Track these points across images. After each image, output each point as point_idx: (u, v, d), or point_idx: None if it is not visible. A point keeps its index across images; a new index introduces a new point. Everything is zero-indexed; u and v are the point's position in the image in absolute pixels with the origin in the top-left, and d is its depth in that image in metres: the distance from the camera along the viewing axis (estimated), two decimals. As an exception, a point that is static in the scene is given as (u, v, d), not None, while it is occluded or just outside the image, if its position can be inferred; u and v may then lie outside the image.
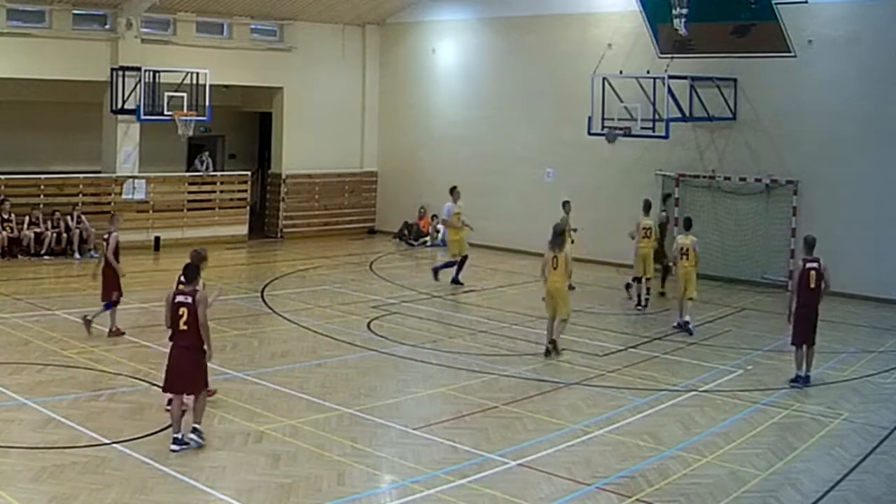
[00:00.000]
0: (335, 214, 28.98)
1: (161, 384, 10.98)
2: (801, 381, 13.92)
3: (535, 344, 16.27)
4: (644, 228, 19.38)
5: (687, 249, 17.43)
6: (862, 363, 15.43)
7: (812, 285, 14.14)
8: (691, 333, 16.99)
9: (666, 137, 20.91)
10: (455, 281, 21.13)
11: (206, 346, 10.71)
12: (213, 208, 26.34)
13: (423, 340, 16.13)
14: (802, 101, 21.48)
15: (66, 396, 12.25)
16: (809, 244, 14.33)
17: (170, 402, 10.86)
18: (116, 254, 15.62)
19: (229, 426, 11.39)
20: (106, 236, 15.84)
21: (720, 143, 22.94)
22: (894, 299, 20.08)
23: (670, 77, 20.63)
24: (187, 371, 10.65)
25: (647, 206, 19.72)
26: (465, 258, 21.39)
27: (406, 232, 27.97)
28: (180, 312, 10.62)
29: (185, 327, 10.62)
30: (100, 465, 9.93)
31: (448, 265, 21.47)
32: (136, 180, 25.02)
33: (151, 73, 23.83)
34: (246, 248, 26.12)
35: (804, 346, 14.03)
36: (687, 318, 17.34)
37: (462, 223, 21.35)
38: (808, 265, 14.15)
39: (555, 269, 15.17)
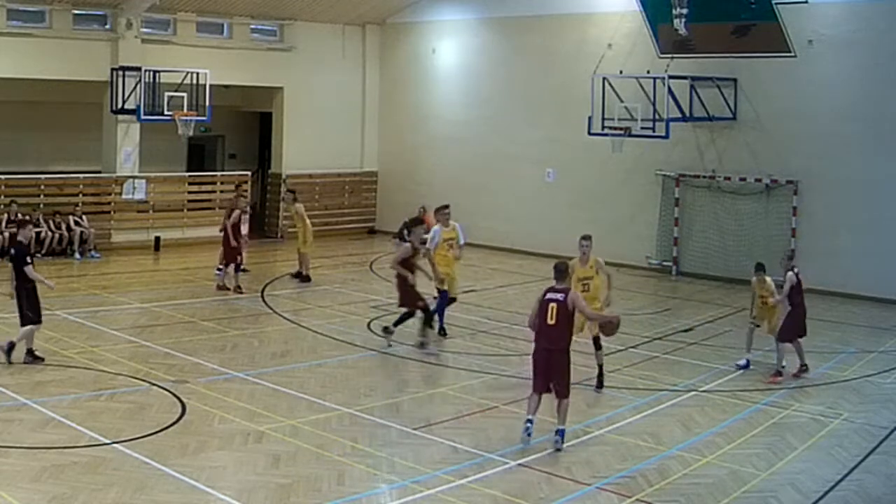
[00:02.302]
0: (335, 214, 28.96)
1: (159, 384, 11.02)
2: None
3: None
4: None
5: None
6: (862, 363, 15.42)
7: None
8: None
9: (666, 137, 20.90)
10: None
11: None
12: (213, 208, 26.30)
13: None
14: (802, 101, 21.48)
15: (66, 396, 12.25)
16: (789, 255, 15.05)
17: None
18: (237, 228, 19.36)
19: (229, 426, 11.39)
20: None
21: (720, 143, 22.94)
22: (894, 299, 20.09)
23: (670, 77, 20.63)
24: (561, 370, 11.22)
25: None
26: None
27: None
28: (551, 309, 11.10)
29: (553, 321, 11.06)
30: (100, 465, 9.93)
31: None
32: (136, 180, 25.01)
33: (151, 73, 23.82)
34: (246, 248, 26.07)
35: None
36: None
37: None
38: (799, 274, 14.59)
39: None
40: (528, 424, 10.99)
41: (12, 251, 14.07)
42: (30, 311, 13.62)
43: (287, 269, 22.73)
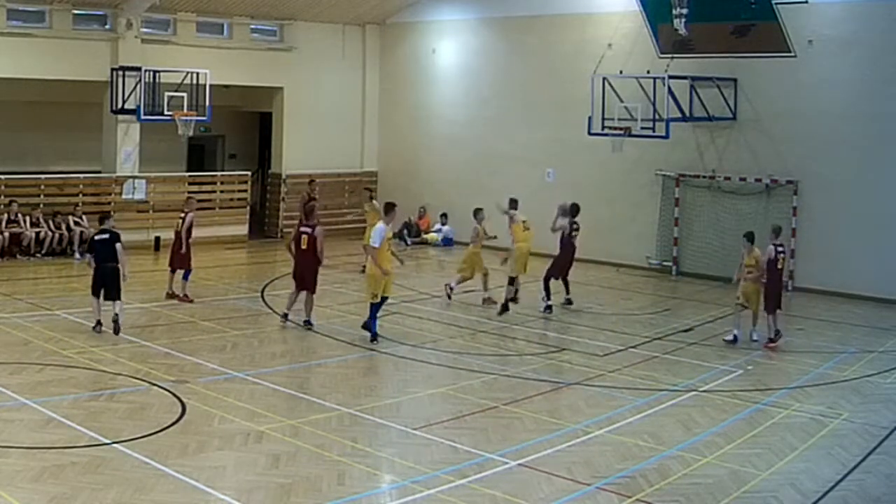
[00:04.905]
0: (335, 214, 28.92)
1: (159, 384, 11.04)
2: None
3: (536, 344, 16.28)
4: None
5: None
6: (862, 363, 15.43)
7: (779, 265, 16.41)
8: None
9: (666, 137, 20.90)
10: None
11: (320, 259, 16.52)
12: (213, 208, 26.32)
13: (423, 340, 16.13)
14: (802, 101, 21.48)
15: (66, 396, 12.25)
16: (776, 231, 16.71)
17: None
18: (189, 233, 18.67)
19: (229, 426, 11.39)
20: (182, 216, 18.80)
21: (720, 143, 22.94)
22: (894, 299, 20.09)
23: (670, 77, 20.63)
24: (308, 276, 16.57)
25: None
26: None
27: (406, 231, 27.95)
28: (302, 239, 16.50)
29: (305, 247, 16.47)
30: (100, 465, 9.93)
31: None
32: (136, 180, 25.01)
33: (151, 73, 23.82)
34: (246, 248, 26.11)
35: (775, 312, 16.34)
36: None
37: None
38: (780, 249, 16.40)
39: None
40: (288, 314, 16.71)
41: (107, 235, 15.84)
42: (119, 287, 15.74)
43: (287, 269, 22.63)
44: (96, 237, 16.11)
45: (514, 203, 19.40)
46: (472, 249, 19.59)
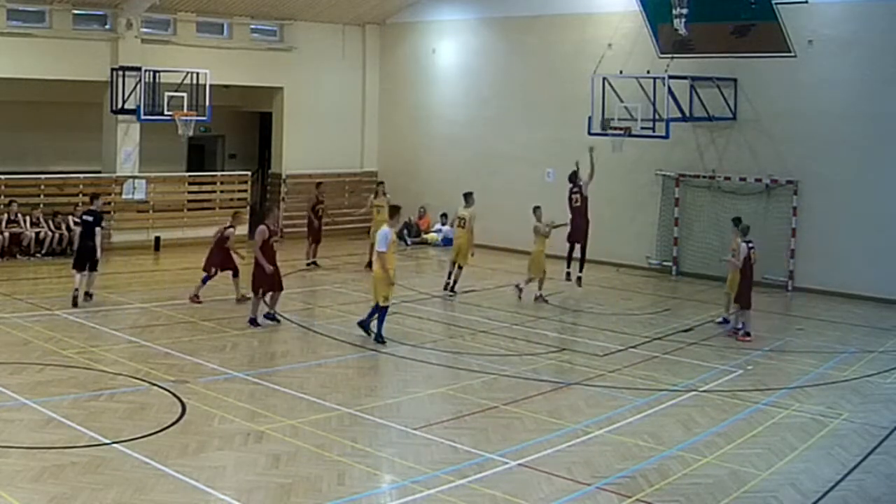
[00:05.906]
0: (335, 214, 28.90)
1: (159, 384, 11.07)
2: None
3: (536, 344, 16.28)
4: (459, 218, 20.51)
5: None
6: (862, 363, 15.42)
7: (752, 262, 16.91)
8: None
9: (666, 137, 20.89)
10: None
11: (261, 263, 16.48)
12: (213, 208, 26.32)
13: (423, 340, 16.13)
14: (802, 101, 21.47)
15: (66, 396, 12.25)
16: (744, 230, 17.07)
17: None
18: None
19: (229, 426, 11.39)
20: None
21: (720, 143, 22.94)
22: (894, 299, 20.09)
23: (670, 77, 20.62)
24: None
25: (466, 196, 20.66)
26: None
27: (406, 231, 27.94)
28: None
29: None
30: (100, 465, 9.93)
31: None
32: (136, 180, 25.02)
33: (151, 73, 23.81)
34: (246, 249, 26.03)
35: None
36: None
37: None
38: (751, 245, 16.84)
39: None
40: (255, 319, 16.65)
41: (90, 218, 17.79)
42: (96, 260, 17.90)
43: (287, 269, 22.66)
44: (84, 216, 18.22)
45: (466, 197, 20.66)
46: (537, 248, 19.80)
